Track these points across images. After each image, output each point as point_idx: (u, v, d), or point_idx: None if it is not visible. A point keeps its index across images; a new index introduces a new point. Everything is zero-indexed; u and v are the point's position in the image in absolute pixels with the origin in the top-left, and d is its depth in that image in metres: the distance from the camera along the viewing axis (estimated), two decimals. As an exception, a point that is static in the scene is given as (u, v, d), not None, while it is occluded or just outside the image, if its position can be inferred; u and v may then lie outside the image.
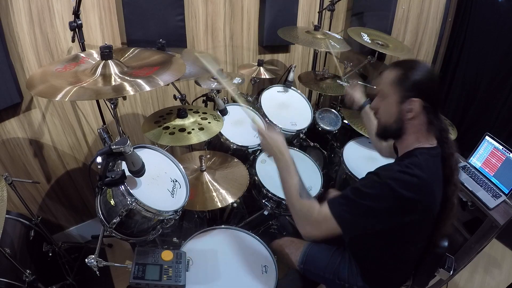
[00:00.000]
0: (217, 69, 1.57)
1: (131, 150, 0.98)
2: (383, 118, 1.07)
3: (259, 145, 1.80)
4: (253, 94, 2.14)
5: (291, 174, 1.05)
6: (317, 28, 2.11)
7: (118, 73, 1.15)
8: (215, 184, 1.54)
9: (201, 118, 1.50)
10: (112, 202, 1.08)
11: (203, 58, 1.50)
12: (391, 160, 1.23)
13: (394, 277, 1.21)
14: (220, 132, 1.61)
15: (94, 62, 1.21)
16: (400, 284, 1.25)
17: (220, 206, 1.45)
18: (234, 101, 1.92)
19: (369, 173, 1.02)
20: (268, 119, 1.91)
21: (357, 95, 1.58)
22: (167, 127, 1.42)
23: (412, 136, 1.03)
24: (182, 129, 1.41)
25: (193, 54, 1.64)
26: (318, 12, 2.52)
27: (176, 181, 1.24)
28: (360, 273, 1.22)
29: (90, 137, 1.90)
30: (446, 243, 1.12)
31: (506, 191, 1.70)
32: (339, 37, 2.19)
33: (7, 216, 1.42)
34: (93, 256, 1.05)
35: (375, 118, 1.14)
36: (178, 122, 1.46)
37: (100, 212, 1.11)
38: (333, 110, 2.29)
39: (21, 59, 1.49)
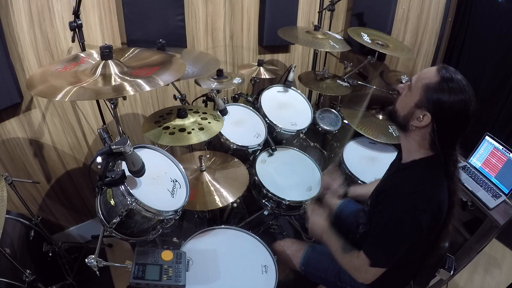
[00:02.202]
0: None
1: (131, 150, 0.98)
2: (398, 105, 1.05)
3: (259, 145, 1.80)
4: (253, 94, 2.14)
5: (333, 242, 1.19)
6: (317, 28, 2.11)
7: (118, 73, 1.15)
8: (215, 184, 1.54)
9: (201, 118, 1.50)
10: (112, 202, 1.08)
11: None
12: (388, 159, 1.27)
13: (396, 279, 1.21)
14: (220, 132, 1.61)
15: (94, 62, 1.21)
16: (403, 286, 1.25)
17: (220, 206, 1.45)
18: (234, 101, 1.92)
19: (381, 199, 1.07)
20: (268, 119, 1.91)
21: (336, 189, 1.56)
22: (167, 127, 1.42)
23: (415, 143, 1.02)
24: (182, 129, 1.41)
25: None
26: (318, 12, 2.52)
27: (176, 181, 1.24)
28: None
29: (90, 137, 1.90)
30: (446, 244, 1.12)
31: (506, 191, 1.70)
32: (339, 37, 2.19)
33: (7, 216, 1.42)
34: (93, 256, 1.05)
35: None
36: (178, 122, 1.46)
37: (100, 212, 1.11)
38: (333, 110, 2.29)
39: (21, 59, 1.49)
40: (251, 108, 1.97)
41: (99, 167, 1.00)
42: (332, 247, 1.20)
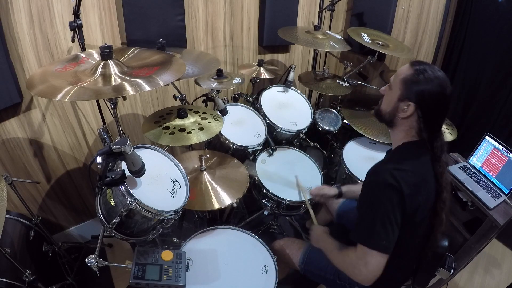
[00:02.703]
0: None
1: (131, 150, 0.98)
2: (382, 105, 1.14)
3: (259, 145, 1.80)
4: (253, 94, 2.14)
5: (329, 244, 1.22)
6: (317, 28, 2.11)
7: (118, 73, 1.15)
8: (215, 184, 1.54)
9: (201, 118, 1.50)
10: (112, 202, 1.08)
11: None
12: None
13: (395, 277, 1.21)
14: (220, 132, 1.61)
15: (94, 62, 1.21)
16: (401, 284, 1.25)
17: (219, 206, 1.45)
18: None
19: (367, 183, 1.09)
20: (268, 119, 1.91)
21: (327, 191, 1.55)
22: (167, 127, 1.42)
23: (402, 134, 1.09)
24: (182, 129, 1.41)
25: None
26: (318, 12, 2.52)
27: (176, 181, 1.24)
28: None
29: (90, 137, 1.89)
30: (446, 243, 1.13)
31: (506, 191, 1.70)
32: (339, 37, 2.19)
33: (7, 216, 1.42)
34: (93, 256, 1.05)
35: None
36: (178, 122, 1.46)
37: (100, 212, 1.11)
38: (333, 110, 2.29)
39: (21, 59, 1.48)
40: (251, 108, 1.97)
41: (99, 167, 1.00)
42: (328, 249, 1.20)
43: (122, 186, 1.02)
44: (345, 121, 2.17)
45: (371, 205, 1.03)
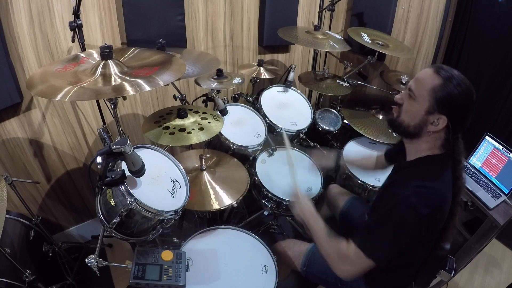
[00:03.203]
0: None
1: (131, 150, 0.98)
2: (403, 116, 1.03)
3: (259, 145, 1.80)
4: (253, 94, 2.14)
5: (318, 223, 1.12)
6: (317, 28, 2.11)
7: (118, 73, 1.15)
8: (215, 184, 1.54)
9: (201, 118, 1.50)
10: (112, 202, 1.08)
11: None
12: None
13: (398, 281, 1.21)
14: (220, 132, 1.61)
15: (94, 62, 1.21)
16: (403, 286, 1.24)
17: (219, 207, 1.45)
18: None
19: (385, 193, 1.05)
20: (268, 119, 1.91)
21: (324, 162, 1.57)
22: (167, 127, 1.42)
23: (426, 145, 1.02)
24: (182, 129, 1.41)
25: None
26: (318, 12, 2.52)
27: (176, 181, 1.24)
28: (363, 277, 1.21)
29: (90, 137, 1.89)
30: (448, 246, 1.12)
31: (506, 191, 1.70)
32: (339, 37, 2.19)
33: (7, 216, 1.42)
34: (93, 256, 1.05)
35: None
36: (178, 122, 1.46)
37: (100, 212, 1.11)
38: (333, 110, 2.29)
39: (21, 59, 1.48)
40: (251, 108, 1.97)
41: (99, 167, 1.00)
42: (318, 231, 1.11)
43: (122, 186, 1.02)
44: (345, 121, 2.17)
45: (384, 216, 0.98)
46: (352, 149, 2.03)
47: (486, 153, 1.85)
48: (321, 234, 1.10)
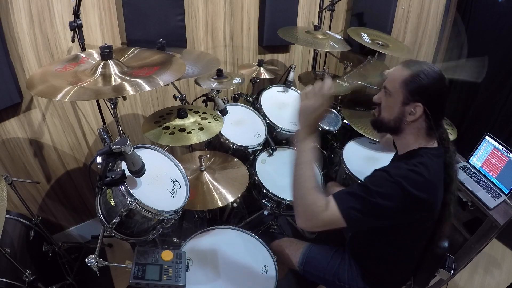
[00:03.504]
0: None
1: (131, 150, 0.98)
2: (383, 113, 1.07)
3: (259, 145, 1.80)
4: (253, 94, 2.14)
5: (311, 163, 0.96)
6: (317, 28, 2.11)
7: (118, 73, 1.15)
8: (215, 184, 1.54)
9: (201, 118, 1.50)
10: (112, 202, 1.08)
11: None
12: (388, 159, 1.25)
13: (395, 278, 1.21)
14: (220, 132, 1.61)
15: (94, 62, 1.21)
16: (401, 285, 1.25)
17: (220, 206, 1.45)
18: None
19: (377, 171, 1.02)
20: (268, 119, 1.91)
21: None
22: (167, 127, 1.42)
23: (412, 137, 1.04)
24: (182, 129, 1.41)
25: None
26: (318, 12, 2.52)
27: (176, 181, 1.24)
28: (360, 274, 1.22)
29: (90, 137, 1.89)
30: (446, 244, 1.12)
31: (506, 191, 1.70)
32: (339, 37, 2.19)
33: (7, 216, 1.42)
34: (93, 256, 1.05)
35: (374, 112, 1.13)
36: (178, 122, 1.46)
37: (100, 212, 1.11)
38: (333, 110, 2.29)
39: (21, 59, 1.48)
40: (251, 108, 1.97)
41: (99, 167, 1.00)
42: (303, 156, 0.97)
43: (122, 186, 1.02)
44: (345, 121, 2.17)
45: (370, 185, 0.93)
46: (352, 149, 2.03)
47: (486, 153, 1.85)
48: (309, 179, 0.94)
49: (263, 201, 1.73)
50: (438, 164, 1.00)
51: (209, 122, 1.48)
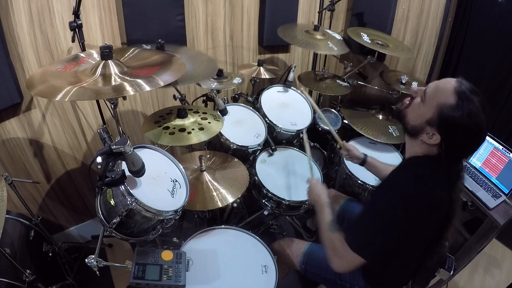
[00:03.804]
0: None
1: (131, 150, 0.98)
2: (409, 112, 1.00)
3: (259, 145, 1.80)
4: (253, 94, 2.14)
5: (324, 214, 1.15)
6: (317, 28, 2.11)
7: (118, 73, 1.15)
8: (215, 184, 1.54)
9: (201, 118, 1.50)
10: (112, 202, 1.08)
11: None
12: (388, 159, 1.26)
13: (396, 277, 1.21)
14: (220, 132, 1.61)
15: (94, 62, 1.21)
16: (402, 285, 1.25)
17: (220, 206, 1.45)
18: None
19: (376, 191, 1.06)
20: (268, 119, 1.91)
21: (356, 152, 1.56)
22: (167, 127, 1.42)
23: (419, 149, 1.00)
24: (182, 129, 1.41)
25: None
26: (318, 12, 2.52)
27: (176, 181, 1.24)
28: (362, 273, 1.21)
29: (90, 137, 1.89)
30: (446, 244, 1.12)
31: (506, 191, 1.70)
32: (339, 37, 2.19)
33: (7, 216, 1.42)
34: (93, 256, 1.05)
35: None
36: (178, 122, 1.46)
37: (100, 212, 1.11)
38: (333, 110, 2.29)
39: (21, 59, 1.48)
40: (251, 108, 1.97)
41: (99, 167, 1.00)
42: (322, 218, 1.15)
43: (122, 186, 1.02)
44: (345, 121, 2.17)
45: (373, 213, 0.99)
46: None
47: (486, 153, 1.85)
48: (324, 224, 1.12)
49: (263, 201, 1.73)
50: (439, 175, 0.97)
51: (209, 122, 1.48)
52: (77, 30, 1.34)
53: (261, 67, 2.09)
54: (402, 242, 0.98)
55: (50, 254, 1.57)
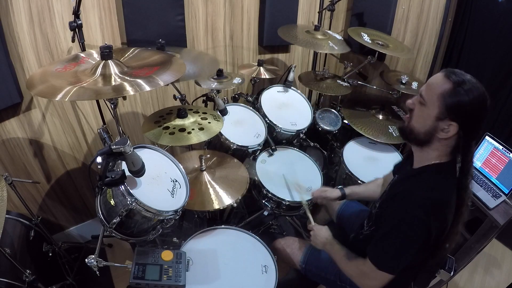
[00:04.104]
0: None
1: (131, 150, 0.98)
2: (414, 123, 0.99)
3: (259, 145, 1.80)
4: (253, 94, 2.14)
5: (336, 251, 1.21)
6: (317, 28, 2.11)
7: (118, 73, 1.15)
8: (215, 184, 1.54)
9: (201, 118, 1.50)
10: (112, 202, 1.08)
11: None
12: (388, 159, 1.26)
13: (398, 281, 1.20)
14: (220, 132, 1.61)
15: (94, 62, 1.21)
16: (403, 286, 1.25)
17: (219, 207, 1.45)
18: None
19: (391, 204, 1.04)
20: (268, 119, 1.91)
21: (329, 194, 1.51)
22: (167, 127, 1.42)
23: (436, 153, 0.99)
24: (182, 129, 1.41)
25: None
26: (318, 12, 2.52)
27: (176, 181, 1.24)
28: None
29: (90, 137, 1.90)
30: (447, 245, 1.12)
31: (506, 191, 1.70)
32: (339, 37, 2.19)
33: (7, 216, 1.42)
34: (93, 256, 1.05)
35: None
36: (178, 122, 1.46)
37: (100, 212, 1.11)
38: (333, 110, 2.29)
39: (21, 59, 1.48)
40: (251, 108, 1.97)
41: (99, 167, 1.00)
42: (336, 255, 1.20)
43: (122, 186, 1.02)
44: (345, 121, 2.17)
45: (394, 230, 0.99)
46: (352, 149, 2.03)
47: (486, 153, 1.85)
48: (341, 257, 1.17)
49: (263, 201, 1.73)
50: (450, 180, 0.99)
51: (209, 122, 1.48)
52: (77, 30, 1.34)
53: (261, 67, 2.09)
54: (418, 250, 0.99)
55: (50, 254, 1.57)
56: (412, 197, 0.96)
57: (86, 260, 1.04)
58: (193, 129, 1.41)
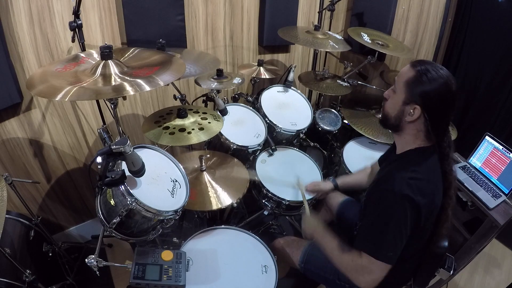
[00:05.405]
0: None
1: (131, 150, 0.98)
2: (388, 109, 1.09)
3: (259, 145, 1.80)
4: (253, 94, 2.14)
5: (328, 241, 1.19)
6: (317, 28, 2.11)
7: (118, 73, 1.15)
8: (215, 184, 1.54)
9: (201, 118, 1.50)
10: (112, 202, 1.08)
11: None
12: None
13: (395, 278, 1.21)
14: (220, 132, 1.61)
15: (94, 62, 1.21)
16: (401, 285, 1.25)
17: (220, 207, 1.45)
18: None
19: (375, 190, 1.07)
20: (268, 119, 1.91)
21: (323, 186, 1.60)
22: (167, 127, 1.42)
23: (410, 137, 1.06)
24: (182, 129, 1.41)
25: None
26: (318, 12, 2.52)
27: (176, 181, 1.24)
28: None
29: (90, 137, 1.90)
30: (446, 243, 1.13)
31: (506, 191, 1.70)
32: (339, 37, 2.19)
33: (7, 216, 1.42)
34: (93, 256, 1.05)
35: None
36: (178, 122, 1.46)
37: (100, 212, 1.11)
38: (333, 110, 2.29)
39: (21, 59, 1.48)
40: (251, 108, 1.97)
41: (99, 167, 1.00)
42: (327, 246, 1.18)
43: (122, 186, 1.02)
44: (345, 121, 2.17)
45: (382, 215, 1.00)
46: (352, 149, 2.03)
47: (486, 153, 1.85)
48: (333, 248, 1.15)
49: (263, 201, 1.73)
50: (433, 163, 1.04)
51: (209, 122, 1.48)
52: (77, 30, 1.34)
53: (261, 67, 2.09)
54: (407, 239, 1.00)
55: (50, 254, 1.57)
56: (394, 177, 1.01)
57: (86, 260, 1.04)
58: (193, 129, 1.41)
